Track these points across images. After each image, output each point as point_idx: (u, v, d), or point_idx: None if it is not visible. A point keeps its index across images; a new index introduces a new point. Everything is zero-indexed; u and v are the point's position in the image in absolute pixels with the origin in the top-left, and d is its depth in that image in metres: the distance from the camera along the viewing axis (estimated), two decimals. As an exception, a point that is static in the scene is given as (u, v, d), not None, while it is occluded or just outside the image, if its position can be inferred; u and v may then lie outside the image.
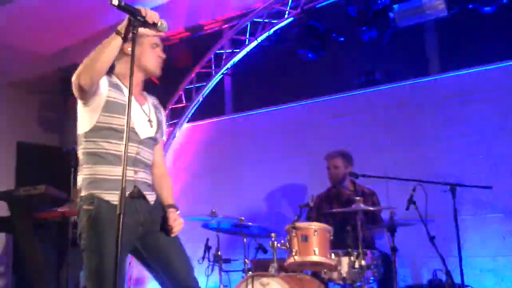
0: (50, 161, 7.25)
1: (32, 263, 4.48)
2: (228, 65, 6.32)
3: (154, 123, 2.59)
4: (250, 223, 4.03)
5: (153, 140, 2.59)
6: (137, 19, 2.20)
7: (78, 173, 2.49)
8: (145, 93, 2.68)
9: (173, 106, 6.63)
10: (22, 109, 7.82)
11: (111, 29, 2.27)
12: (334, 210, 4.14)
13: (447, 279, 3.72)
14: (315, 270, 3.95)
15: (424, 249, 4.06)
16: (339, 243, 3.91)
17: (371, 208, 3.94)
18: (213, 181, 6.25)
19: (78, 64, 2.33)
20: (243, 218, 4.01)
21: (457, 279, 3.79)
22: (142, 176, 2.53)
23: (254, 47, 6.16)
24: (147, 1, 7.12)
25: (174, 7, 7.09)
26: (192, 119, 6.66)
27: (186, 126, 6.68)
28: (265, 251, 4.19)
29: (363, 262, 3.65)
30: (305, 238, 3.64)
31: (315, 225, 3.71)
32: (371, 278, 3.78)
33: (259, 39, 6.07)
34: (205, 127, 6.64)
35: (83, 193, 2.41)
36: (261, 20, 6.03)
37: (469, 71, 4.90)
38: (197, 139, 6.62)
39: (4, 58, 7.00)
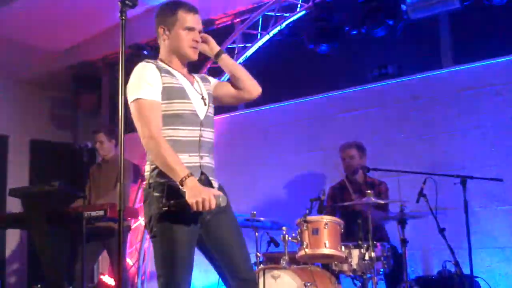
0: (63, 158, 7.53)
1: (46, 259, 4.67)
2: (240, 60, 6.47)
3: (207, 100, 2.61)
4: (261, 218, 4.22)
5: (211, 117, 2.61)
6: (125, 4, 2.22)
7: (146, 163, 2.51)
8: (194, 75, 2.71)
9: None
10: (35, 106, 8.06)
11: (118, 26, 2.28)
12: (345, 203, 4.31)
13: (456, 270, 3.89)
14: (326, 263, 4.13)
15: (434, 241, 4.23)
16: (350, 235, 4.10)
17: (382, 202, 4.12)
18: (225, 176, 6.37)
19: (89, 61, 2.47)
20: (255, 212, 4.20)
21: (466, 271, 3.94)
22: (207, 160, 2.54)
23: (266, 41, 6.32)
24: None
25: (185, 1, 7.27)
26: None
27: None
28: (276, 244, 4.38)
29: (373, 254, 3.82)
30: (316, 231, 3.82)
31: (325, 218, 3.89)
32: (381, 269, 3.96)
33: (271, 33, 6.24)
34: (217, 122, 6.69)
35: (151, 181, 2.44)
36: (273, 13, 6.19)
37: (482, 63, 5.02)
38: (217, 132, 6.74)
39: (15, 56, 7.24)
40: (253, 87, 2.72)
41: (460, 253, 3.96)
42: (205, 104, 2.58)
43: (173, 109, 2.45)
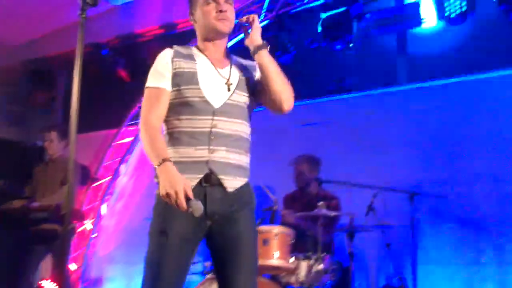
0: (13, 156, 7.31)
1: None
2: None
3: (235, 85, 2.28)
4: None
5: (237, 106, 2.26)
6: (85, 2, 2.18)
7: None
8: (233, 56, 2.44)
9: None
10: (-14, 101, 7.85)
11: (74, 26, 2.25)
12: (297, 214, 4.34)
13: (401, 285, 3.96)
14: (275, 274, 4.13)
15: (381, 255, 4.30)
16: (301, 246, 4.13)
17: (332, 214, 4.16)
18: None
19: (45, 57, 2.40)
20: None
21: (411, 286, 4.01)
22: (223, 155, 2.18)
23: (229, 48, 6.30)
24: (121, -4, 7.28)
25: (148, 3, 7.23)
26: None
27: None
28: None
29: (321, 266, 3.85)
30: (266, 242, 3.82)
31: (276, 229, 3.90)
32: (328, 282, 3.99)
33: (234, 41, 6.25)
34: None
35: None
36: (237, 21, 6.18)
37: (435, 82, 5.16)
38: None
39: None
40: (286, 101, 2.29)
41: (406, 267, 4.03)
42: (229, 90, 2.26)
43: (182, 96, 2.21)
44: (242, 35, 5.42)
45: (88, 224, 6.57)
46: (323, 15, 5.41)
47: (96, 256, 6.62)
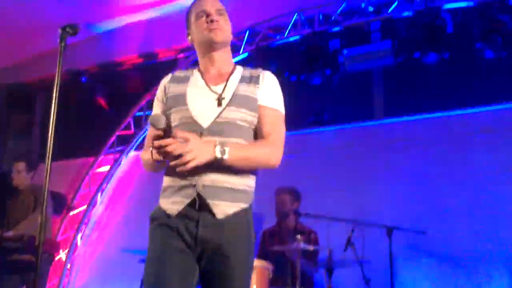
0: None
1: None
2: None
3: (228, 100, 2.10)
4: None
5: (232, 122, 2.08)
6: (65, 31, 2.19)
7: None
8: (240, 69, 2.24)
9: (121, 133, 6.69)
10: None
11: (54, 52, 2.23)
12: (275, 248, 4.29)
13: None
14: (252, 308, 4.06)
15: (359, 290, 4.25)
16: (279, 280, 4.07)
17: (310, 248, 4.12)
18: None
19: (24, 82, 2.35)
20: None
21: (389, 321, 3.99)
22: (213, 177, 2.02)
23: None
24: (101, 24, 7.26)
25: (128, 32, 7.23)
26: (140, 147, 6.72)
27: (133, 154, 6.73)
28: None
29: (299, 301, 3.80)
30: (244, 275, 3.76)
31: (254, 262, 3.84)
32: (306, 317, 3.94)
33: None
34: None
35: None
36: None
37: (412, 118, 5.24)
38: (143, 168, 6.64)
39: None
40: (268, 166, 2.16)
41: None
42: (219, 105, 2.09)
43: (174, 119, 2.11)
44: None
45: (62, 254, 6.40)
46: (302, 49, 5.48)
47: (71, 287, 6.44)
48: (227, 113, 2.07)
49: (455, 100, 5.06)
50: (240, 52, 6.07)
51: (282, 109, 2.23)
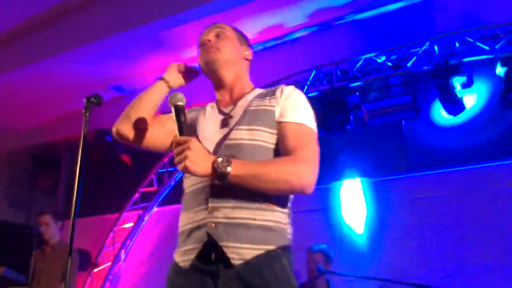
0: (14, 239, 7.08)
1: None
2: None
3: (236, 119, 1.78)
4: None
5: (239, 143, 1.71)
6: (90, 101, 2.16)
7: None
8: (256, 91, 1.92)
9: (144, 190, 6.65)
10: (-10, 183, 7.76)
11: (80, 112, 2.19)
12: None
13: None
14: None
15: None
16: None
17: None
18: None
19: (50, 142, 2.35)
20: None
21: None
22: (226, 213, 1.63)
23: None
24: (127, 84, 7.38)
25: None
26: (163, 203, 6.67)
27: (155, 210, 6.67)
28: None
29: None
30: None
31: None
32: None
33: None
34: (175, 211, 6.57)
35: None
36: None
37: (437, 171, 5.09)
38: (165, 224, 6.58)
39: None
40: (293, 190, 1.69)
41: None
42: (226, 126, 1.78)
43: None
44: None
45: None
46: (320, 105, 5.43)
47: None
48: (236, 134, 1.74)
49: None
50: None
51: (310, 124, 1.75)
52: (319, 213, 5.44)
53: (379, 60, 5.20)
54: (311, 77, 5.64)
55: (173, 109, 1.67)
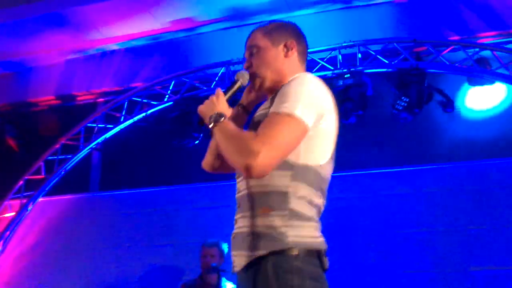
0: None
1: None
2: (99, 140, 5.95)
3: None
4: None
5: None
6: None
7: None
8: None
9: (30, 177, 6.01)
10: None
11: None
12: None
13: None
14: None
15: None
16: None
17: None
18: (62, 265, 5.64)
19: None
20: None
21: None
22: (240, 224, 1.71)
23: (129, 125, 5.91)
24: (18, 61, 6.67)
25: (47, 72, 6.68)
26: (50, 193, 6.08)
27: (41, 200, 6.06)
28: None
29: None
30: None
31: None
32: None
33: (135, 118, 5.86)
34: (63, 202, 6.09)
35: None
36: (140, 99, 5.86)
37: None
38: (51, 215, 6.01)
39: None
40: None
41: None
42: None
43: None
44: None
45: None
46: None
47: None
48: None
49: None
50: (165, 100, 5.75)
51: (290, 108, 1.60)
52: (222, 207, 5.26)
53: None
54: (219, 74, 5.44)
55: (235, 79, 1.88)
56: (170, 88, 5.72)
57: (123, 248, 5.44)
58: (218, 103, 1.74)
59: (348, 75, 4.79)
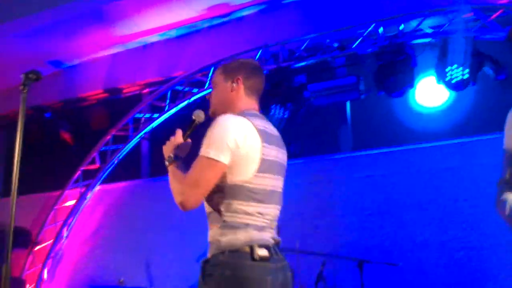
0: None
1: None
2: (146, 130, 6.14)
3: None
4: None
5: None
6: (28, 77, 2.06)
7: None
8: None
9: (87, 168, 6.29)
10: None
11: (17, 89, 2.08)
12: None
13: None
14: None
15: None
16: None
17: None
18: (122, 247, 5.90)
19: None
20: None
21: None
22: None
23: (173, 114, 6.05)
24: (65, 59, 6.90)
25: (93, 67, 6.89)
26: (106, 181, 6.35)
27: (98, 188, 6.34)
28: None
29: None
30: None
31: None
32: None
33: (179, 107, 5.99)
34: (119, 190, 6.34)
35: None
36: (182, 88, 5.98)
37: (377, 151, 5.06)
38: (109, 202, 6.28)
39: None
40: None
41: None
42: None
43: None
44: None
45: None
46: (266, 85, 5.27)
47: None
48: None
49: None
50: (205, 87, 5.83)
51: (205, 152, 1.94)
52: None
53: (325, 41, 5.07)
54: (257, 57, 5.45)
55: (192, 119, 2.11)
56: (210, 74, 5.79)
57: (178, 232, 5.61)
58: (176, 143, 2.12)
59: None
